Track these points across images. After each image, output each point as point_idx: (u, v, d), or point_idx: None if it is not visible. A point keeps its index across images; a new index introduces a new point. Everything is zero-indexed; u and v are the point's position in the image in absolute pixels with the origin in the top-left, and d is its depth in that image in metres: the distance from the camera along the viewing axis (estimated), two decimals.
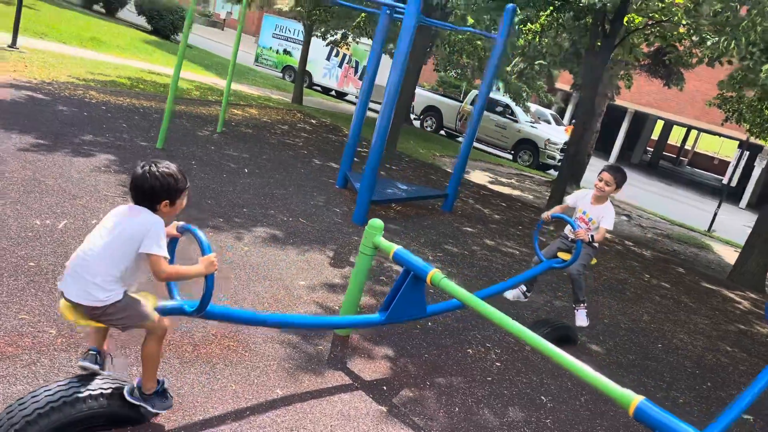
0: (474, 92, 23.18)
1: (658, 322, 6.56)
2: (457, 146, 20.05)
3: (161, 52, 20.05)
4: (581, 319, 5.02)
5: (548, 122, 24.43)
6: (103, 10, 28.09)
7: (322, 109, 17.59)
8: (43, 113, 7.51)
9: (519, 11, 14.48)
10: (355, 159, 10.71)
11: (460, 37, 15.40)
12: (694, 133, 43.83)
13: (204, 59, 21.87)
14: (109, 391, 2.75)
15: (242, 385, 3.40)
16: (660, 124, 38.67)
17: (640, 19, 11.62)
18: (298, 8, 14.59)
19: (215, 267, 2.77)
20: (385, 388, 3.82)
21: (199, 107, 11.03)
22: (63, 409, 2.60)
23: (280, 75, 26.36)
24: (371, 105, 10.17)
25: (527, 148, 21.35)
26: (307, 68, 24.59)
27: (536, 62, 15.27)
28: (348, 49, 22.86)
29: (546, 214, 5.02)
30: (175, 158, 7.26)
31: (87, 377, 2.71)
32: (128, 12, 28.96)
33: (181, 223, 2.94)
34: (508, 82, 17.03)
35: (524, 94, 19.26)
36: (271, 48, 27.33)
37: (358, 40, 22.05)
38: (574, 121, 19.60)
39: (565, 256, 5.01)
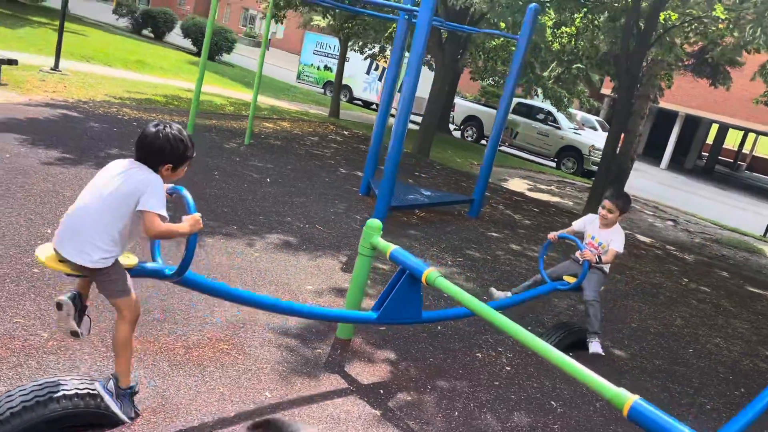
0: (515, 100, 22.93)
1: (692, 326, 6.22)
2: (498, 156, 19.78)
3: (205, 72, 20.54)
4: (595, 347, 4.73)
5: (594, 129, 23.90)
6: (151, 35, 29.09)
7: (358, 122, 17.65)
8: (74, 130, 7.74)
9: (552, 14, 14.29)
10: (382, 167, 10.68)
11: (494, 43, 15.23)
12: (752, 136, 42.14)
13: (244, 77, 22.32)
14: (84, 391, 2.75)
15: (230, 388, 3.35)
16: (715, 127, 37.32)
17: (677, 16, 11.23)
18: (331, 22, 14.70)
19: (200, 226, 2.75)
20: (382, 391, 3.71)
21: (230, 121, 11.20)
22: (36, 409, 2.60)
23: (321, 91, 26.64)
24: (411, 117, 10.29)
25: (571, 155, 20.88)
26: (347, 83, 24.87)
27: (573, 66, 14.94)
28: (387, 62, 22.93)
29: (552, 234, 4.93)
30: (198, 169, 7.35)
31: (61, 381, 2.68)
32: (175, 35, 29.87)
33: (169, 185, 2.94)
34: (546, 88, 16.72)
35: (565, 100, 18.90)
36: (312, 65, 27.68)
37: None
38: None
39: (571, 279, 4.88)
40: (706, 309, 6.94)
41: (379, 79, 25.70)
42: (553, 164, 21.26)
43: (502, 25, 11.17)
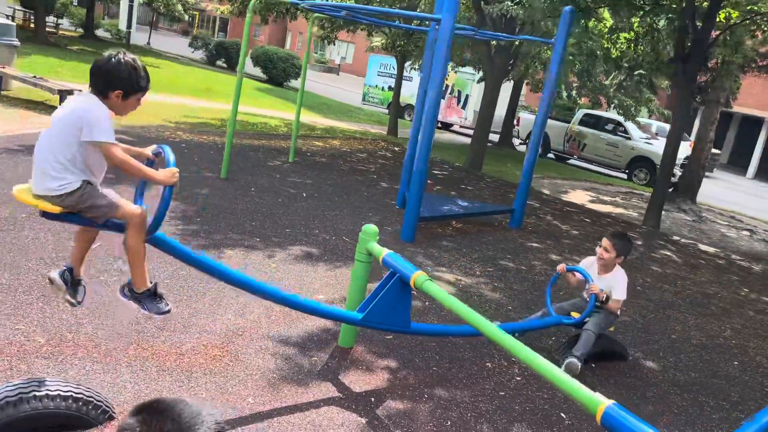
0: (582, 111, 22.33)
1: (742, 338, 5.75)
2: (564, 169, 19.27)
3: (269, 96, 21.21)
4: (570, 365, 4.34)
5: None
6: (225, 65, 30.35)
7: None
8: None
9: (609, 19, 13.84)
10: (428, 181, 10.58)
11: (550, 53, 14.87)
12: None
13: (309, 101, 22.76)
14: (55, 393, 2.81)
15: (213, 393, 3.35)
16: None
17: (738, 13, 10.59)
18: (383, 41, 14.83)
19: (175, 180, 2.78)
20: (373, 399, 3.61)
21: (280, 141, 11.43)
22: (5, 409, 2.68)
23: (386, 111, 26.85)
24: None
25: (643, 165, 20.01)
26: (410, 102, 24.94)
27: (635, 72, 14.36)
28: (447, 77, 22.85)
29: (561, 266, 4.71)
30: (235, 186, 7.52)
31: (46, 381, 2.74)
32: (248, 64, 31.00)
33: (155, 145, 3.00)
34: (609, 97, 16.14)
35: (632, 109, 18.20)
36: (376, 86, 27.99)
37: (457, 69, 22.08)
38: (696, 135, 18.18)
39: (577, 314, 4.64)
40: (762, 320, 6.41)
41: (443, 97, 25.67)
42: (624, 176, 20.47)
43: (551, 29, 10.89)
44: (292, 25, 45.94)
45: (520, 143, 23.55)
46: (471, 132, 16.30)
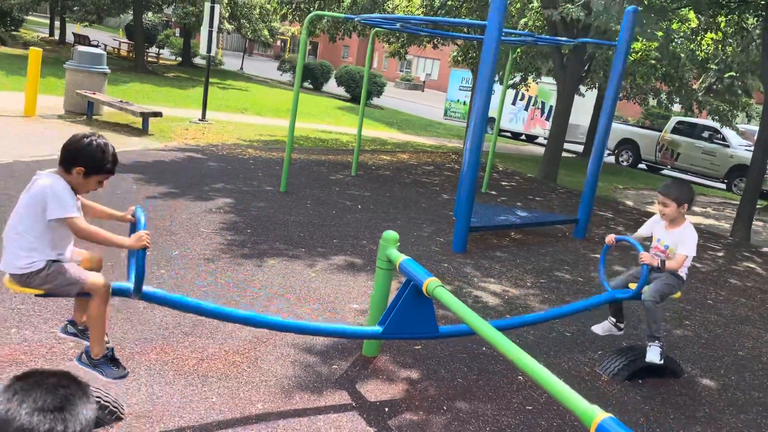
0: (675, 118, 21.20)
1: None
2: (655, 179, 18.29)
3: (350, 114, 21.54)
4: (653, 354, 4.14)
5: None
6: (311, 86, 31.21)
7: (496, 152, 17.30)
8: (190, 168, 8.45)
9: (691, 19, 13.08)
10: (492, 192, 10.34)
11: (631, 59, 14.23)
12: None
13: (389, 117, 23.02)
14: None
15: (224, 398, 3.37)
16: None
17: None
18: (453, 54, 14.74)
19: (143, 243, 2.82)
20: (387, 410, 3.51)
21: (347, 156, 11.54)
22: None
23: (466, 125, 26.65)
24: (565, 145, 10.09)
25: (744, 175, 18.66)
26: (492, 115, 24.62)
27: (726, 75, 13.48)
28: (528, 89, 22.38)
29: (610, 237, 4.42)
30: (292, 198, 7.65)
31: None
32: (331, 85, 31.75)
33: (133, 207, 3.09)
34: (698, 101, 15.23)
35: (728, 114, 17.07)
36: (458, 100, 27.86)
37: (538, 81, 21.58)
38: None
39: (634, 286, 4.29)
40: None
41: (525, 109, 25.17)
42: (723, 186, 19.19)
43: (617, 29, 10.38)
44: (379, 45, 46.69)
45: (608, 154, 22.66)
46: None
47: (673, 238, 4.21)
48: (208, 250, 5.48)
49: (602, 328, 4.60)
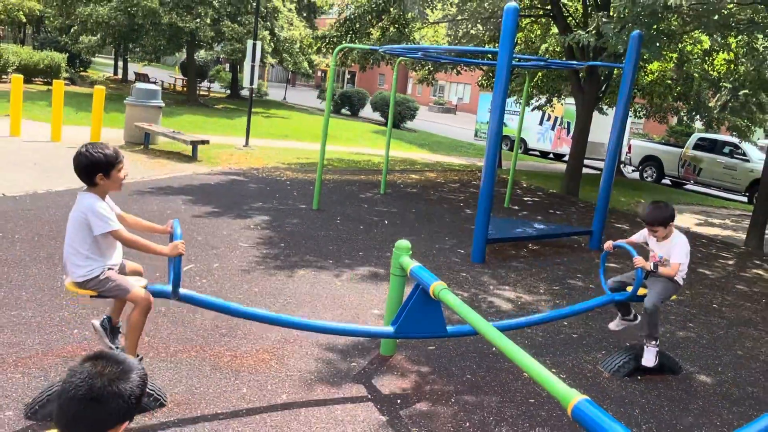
0: (696, 135, 20.92)
1: None
2: (679, 194, 18.03)
3: (384, 138, 21.75)
4: (647, 358, 4.26)
5: None
6: (348, 112, 31.74)
7: (521, 170, 17.35)
8: (232, 190, 8.82)
9: (706, 41, 12.97)
10: (515, 207, 10.42)
11: (648, 78, 14.18)
12: None
13: (422, 139, 23.25)
14: None
15: (253, 390, 3.60)
16: None
17: None
18: (479, 80, 14.92)
19: (178, 251, 3.10)
20: (399, 401, 3.68)
21: (378, 176, 11.79)
22: None
23: None
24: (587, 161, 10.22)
25: None
26: (522, 135, 24.67)
27: (740, 93, 13.29)
28: (552, 110, 22.36)
29: (608, 243, 4.55)
30: (323, 215, 7.92)
31: None
32: (368, 110, 32.22)
33: (171, 221, 3.37)
34: (713, 118, 15.02)
35: (746, 130, 16.79)
36: (487, 122, 27.92)
37: (563, 102, 21.60)
38: None
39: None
40: None
41: (552, 128, 25.13)
42: (745, 199, 18.79)
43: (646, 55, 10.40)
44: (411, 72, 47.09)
45: (633, 170, 22.41)
46: (584, 161, 15.85)
47: (665, 249, 4.35)
48: (245, 262, 5.76)
49: (615, 324, 4.75)
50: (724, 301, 6.38)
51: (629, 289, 4.43)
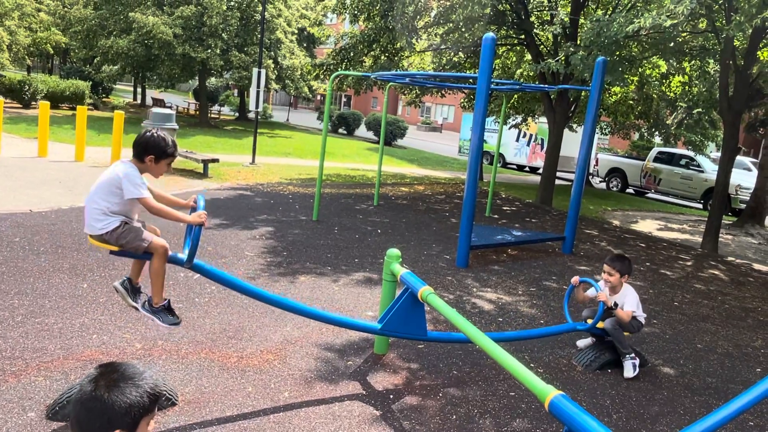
0: (656, 149, 21.05)
1: None
2: (641, 202, 18.10)
3: (377, 155, 21.78)
4: (627, 370, 4.22)
5: (748, 170, 20.89)
6: (345, 132, 31.72)
7: (501, 182, 17.35)
8: (240, 203, 8.74)
9: (663, 66, 13.04)
10: (495, 215, 10.39)
11: (612, 99, 14.24)
12: None
13: (411, 155, 23.26)
14: None
15: (258, 388, 3.53)
16: None
17: None
18: (461, 101, 14.94)
19: (201, 220, 3.04)
20: (391, 396, 3.62)
21: (372, 189, 11.75)
22: None
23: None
24: (559, 174, 10.25)
25: None
26: (501, 150, 24.74)
27: (694, 111, 13.37)
28: (527, 128, 22.44)
29: (575, 278, 4.49)
30: (322, 226, 7.85)
31: None
32: (363, 130, 32.23)
33: (195, 194, 3.29)
34: (669, 134, 15.11)
35: (700, 144, 16.94)
36: (470, 139, 27.96)
37: (537, 120, 21.75)
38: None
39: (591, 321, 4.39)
40: None
41: (527, 144, 25.23)
42: (700, 205, 18.88)
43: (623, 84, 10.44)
44: (400, 95, 47.27)
45: (600, 181, 22.50)
46: (557, 174, 15.89)
47: (619, 300, 4.32)
48: (250, 269, 5.69)
49: (583, 342, 4.68)
50: (684, 299, 6.36)
51: (589, 321, 4.40)
